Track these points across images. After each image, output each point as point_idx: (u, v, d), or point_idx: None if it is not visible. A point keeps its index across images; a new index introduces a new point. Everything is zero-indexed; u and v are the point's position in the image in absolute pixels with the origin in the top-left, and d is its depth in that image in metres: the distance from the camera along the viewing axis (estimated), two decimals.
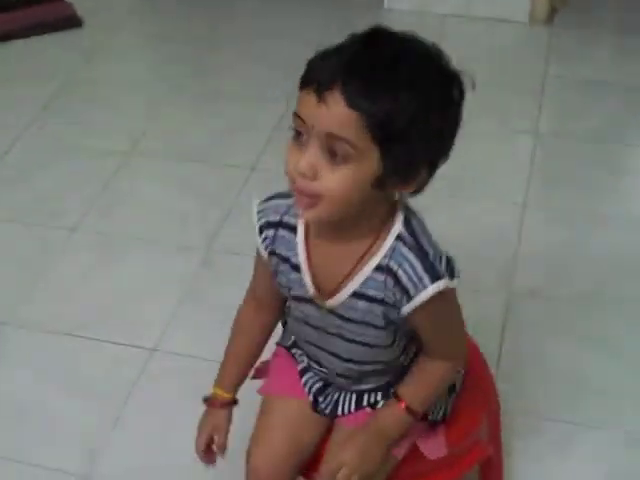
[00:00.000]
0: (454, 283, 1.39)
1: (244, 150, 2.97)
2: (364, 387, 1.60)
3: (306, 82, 1.27)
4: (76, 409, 2.16)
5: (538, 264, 2.53)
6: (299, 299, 1.50)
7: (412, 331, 1.49)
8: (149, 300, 2.44)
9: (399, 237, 1.38)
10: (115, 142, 3.02)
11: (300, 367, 1.66)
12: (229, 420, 1.63)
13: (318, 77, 1.25)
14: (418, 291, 1.37)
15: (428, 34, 1.33)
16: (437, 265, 1.37)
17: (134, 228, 2.67)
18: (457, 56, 1.45)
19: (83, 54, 3.51)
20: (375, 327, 1.45)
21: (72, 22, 3.68)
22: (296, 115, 1.29)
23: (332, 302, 1.45)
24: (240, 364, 1.65)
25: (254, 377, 1.73)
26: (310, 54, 1.31)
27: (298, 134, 1.30)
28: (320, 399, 1.63)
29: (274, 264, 1.50)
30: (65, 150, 3.00)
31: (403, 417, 1.51)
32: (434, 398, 1.55)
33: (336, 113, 1.23)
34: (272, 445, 1.60)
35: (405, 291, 1.37)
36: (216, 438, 1.63)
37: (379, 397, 1.59)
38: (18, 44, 3.57)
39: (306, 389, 1.64)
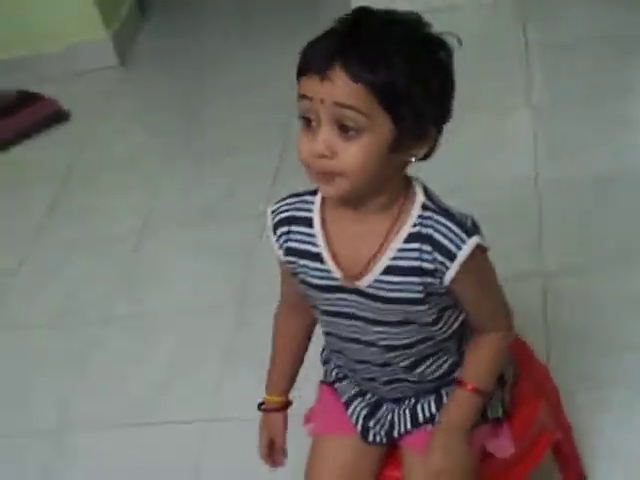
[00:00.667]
0: (485, 241, 1.42)
1: (252, 199, 2.97)
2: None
3: (305, 69, 1.34)
4: None
5: (564, 237, 2.51)
6: (328, 289, 1.49)
7: (455, 311, 1.51)
8: (194, 371, 2.45)
9: (424, 206, 1.42)
10: (126, 224, 3.05)
11: (344, 399, 1.65)
12: (284, 422, 1.70)
13: (316, 60, 1.32)
14: (459, 248, 1.39)
15: None
16: (467, 223, 1.42)
17: (164, 303, 2.69)
18: None
19: (76, 145, 3.55)
20: (413, 302, 1.44)
21: (60, 117, 3.72)
22: (301, 96, 1.35)
23: (363, 282, 1.45)
24: (285, 368, 1.70)
25: (306, 423, 1.74)
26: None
27: (307, 122, 1.36)
28: (371, 425, 1.61)
29: (292, 262, 1.52)
30: (80, 244, 3.02)
31: (472, 400, 1.50)
32: (496, 373, 1.54)
33: (341, 85, 1.30)
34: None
35: (447, 251, 1.39)
36: (276, 441, 1.69)
37: (433, 409, 1.58)
38: (14, 150, 3.62)
39: (353, 419, 1.63)
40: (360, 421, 1.62)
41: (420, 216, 1.42)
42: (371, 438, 1.61)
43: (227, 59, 3.88)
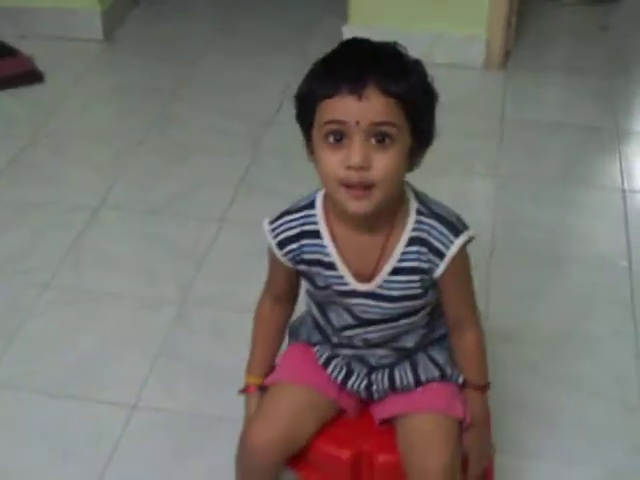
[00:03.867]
0: (471, 232, 1.62)
1: (212, 202, 3.00)
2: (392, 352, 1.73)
3: (329, 92, 1.44)
4: (59, 471, 2.15)
5: (507, 308, 2.59)
6: (341, 293, 1.64)
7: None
8: (125, 356, 2.45)
9: (418, 211, 1.60)
10: (82, 197, 3.04)
11: (323, 360, 1.77)
12: None
13: (349, 81, 1.43)
14: (448, 248, 1.58)
15: None
16: (455, 223, 1.60)
17: (106, 284, 2.68)
18: None
19: (46, 109, 3.52)
20: (415, 297, 1.63)
21: (33, 77, 3.68)
22: (332, 122, 1.45)
23: (373, 285, 1.62)
24: (265, 351, 1.81)
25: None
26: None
27: (337, 138, 1.46)
28: (352, 379, 1.74)
29: (305, 270, 1.66)
30: (32, 207, 3.00)
31: (480, 396, 1.72)
32: (486, 365, 1.73)
33: (378, 104, 1.43)
34: (271, 424, 1.70)
35: (438, 252, 1.58)
36: None
37: (410, 378, 1.72)
38: None
39: (334, 374, 1.75)
40: (342, 374, 1.75)
41: (417, 221, 1.59)
42: (350, 385, 1.74)
43: (212, 57, 3.92)
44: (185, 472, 2.14)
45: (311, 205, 1.63)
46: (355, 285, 1.62)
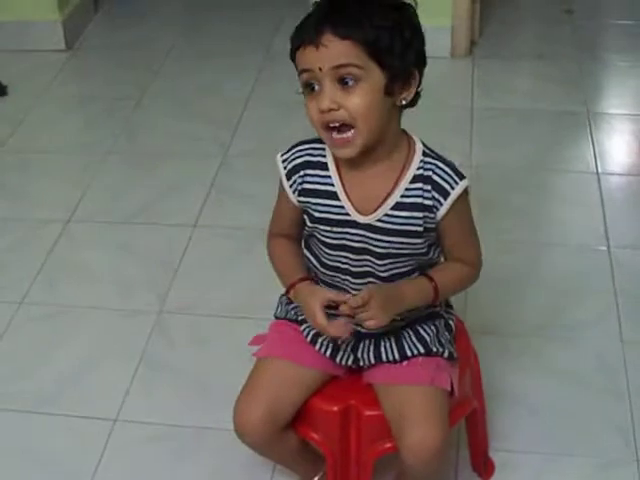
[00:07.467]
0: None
1: (184, 208, 2.97)
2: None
3: (298, 44, 1.57)
4: None
5: (487, 300, 2.57)
6: (341, 224, 1.69)
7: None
8: (104, 369, 2.42)
9: (424, 152, 1.68)
10: (52, 210, 3.00)
11: (310, 337, 1.80)
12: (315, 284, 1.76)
13: (308, 33, 1.55)
14: (452, 188, 1.65)
15: None
16: (458, 168, 1.68)
17: (81, 297, 2.65)
18: None
19: (11, 123, 3.48)
20: (414, 235, 1.67)
21: None
22: (303, 71, 1.58)
23: (374, 217, 1.66)
24: (294, 262, 1.79)
25: (252, 343, 1.88)
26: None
27: (311, 88, 1.58)
28: (339, 354, 1.79)
29: (305, 203, 1.71)
30: (1, 223, 2.96)
31: (427, 293, 1.71)
32: (452, 293, 1.80)
33: (334, 49, 1.53)
34: (253, 402, 1.75)
35: (443, 190, 1.65)
36: (330, 297, 1.68)
37: (396, 353, 1.76)
38: None
39: (322, 350, 1.79)
40: (329, 352, 1.79)
41: (422, 161, 1.66)
42: (338, 360, 1.79)
43: (176, 61, 3.89)
44: None
45: (320, 139, 1.67)
46: (355, 216, 1.67)
